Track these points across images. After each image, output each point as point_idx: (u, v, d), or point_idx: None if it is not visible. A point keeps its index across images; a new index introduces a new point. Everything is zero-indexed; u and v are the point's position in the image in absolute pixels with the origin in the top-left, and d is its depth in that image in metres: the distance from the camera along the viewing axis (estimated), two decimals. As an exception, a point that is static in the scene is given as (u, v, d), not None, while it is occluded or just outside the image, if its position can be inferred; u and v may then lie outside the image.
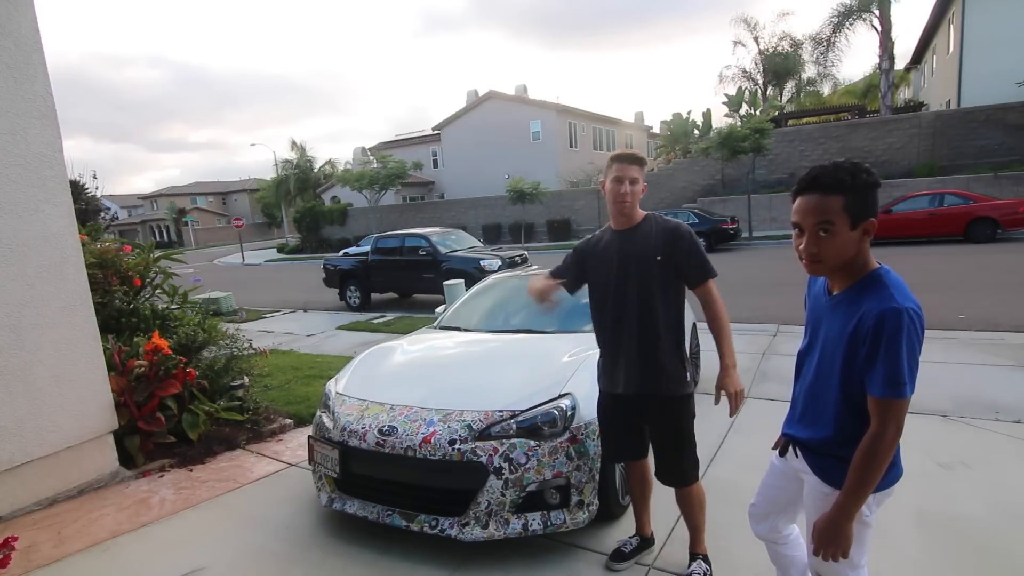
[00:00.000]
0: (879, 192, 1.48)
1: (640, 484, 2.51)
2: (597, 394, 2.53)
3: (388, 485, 2.77)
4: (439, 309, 4.72)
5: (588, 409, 2.66)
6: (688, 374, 2.28)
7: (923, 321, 1.40)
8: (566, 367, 2.94)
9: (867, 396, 1.44)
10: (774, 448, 1.81)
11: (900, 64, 28.23)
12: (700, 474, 2.41)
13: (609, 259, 2.31)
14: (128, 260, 4.74)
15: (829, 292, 1.59)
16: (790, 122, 25.44)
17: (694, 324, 4.97)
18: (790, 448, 1.72)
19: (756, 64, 31.55)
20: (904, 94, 32.08)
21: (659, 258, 2.20)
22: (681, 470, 2.31)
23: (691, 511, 2.36)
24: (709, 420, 4.05)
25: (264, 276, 21.37)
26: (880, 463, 1.41)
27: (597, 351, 2.49)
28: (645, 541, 2.55)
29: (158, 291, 5.08)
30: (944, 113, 20.25)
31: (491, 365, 3.33)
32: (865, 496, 1.45)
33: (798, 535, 1.95)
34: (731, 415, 2.18)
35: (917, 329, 1.38)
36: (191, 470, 3.75)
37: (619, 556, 2.48)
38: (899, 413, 1.40)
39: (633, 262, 2.23)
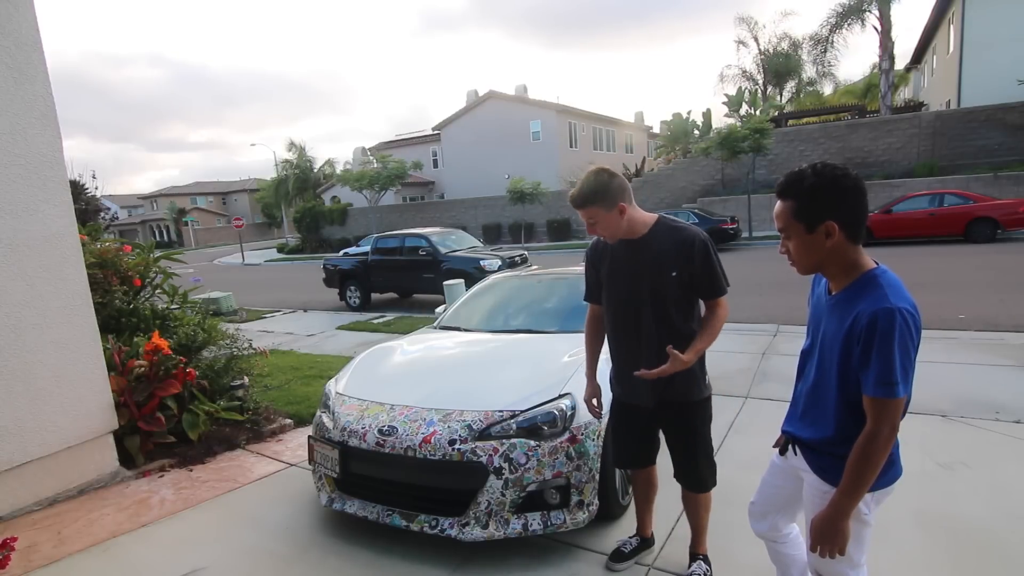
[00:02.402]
0: (849, 193, 1.44)
1: (645, 487, 2.50)
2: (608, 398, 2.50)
3: (388, 485, 2.77)
4: (439, 309, 4.72)
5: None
6: (705, 379, 2.23)
7: (918, 321, 1.40)
8: (566, 367, 2.94)
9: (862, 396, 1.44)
10: (775, 446, 1.81)
11: (900, 64, 28.28)
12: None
13: (621, 269, 2.20)
14: (128, 260, 4.73)
15: (829, 292, 1.59)
16: (790, 122, 25.45)
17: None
18: (790, 446, 1.72)
19: (756, 64, 31.61)
20: (904, 94, 32.08)
21: (674, 274, 2.08)
22: (698, 475, 2.28)
23: (696, 512, 2.35)
24: (709, 420, 4.06)
25: (264, 276, 21.37)
26: (875, 462, 1.41)
27: None
28: (645, 541, 2.55)
29: (158, 291, 5.08)
30: (944, 113, 20.25)
31: (491, 365, 3.33)
32: (861, 494, 1.45)
33: (798, 534, 1.95)
34: (641, 373, 2.03)
35: (911, 329, 1.38)
36: (191, 470, 3.75)
37: (619, 556, 2.48)
38: (893, 413, 1.40)
39: (646, 275, 2.12)
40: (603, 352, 2.45)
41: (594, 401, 2.42)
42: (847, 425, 1.50)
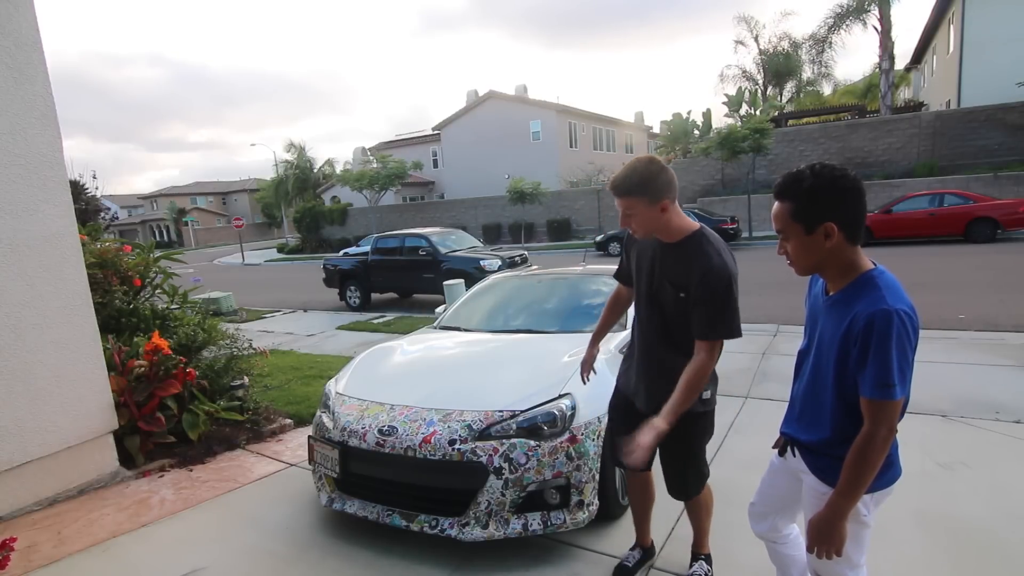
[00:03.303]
0: (848, 194, 1.43)
1: (642, 495, 2.44)
2: (598, 394, 2.50)
3: (388, 485, 2.77)
4: (439, 309, 4.72)
5: (588, 409, 2.67)
6: (706, 392, 2.08)
7: (916, 322, 1.39)
8: (566, 367, 2.94)
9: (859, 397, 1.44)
10: (774, 447, 1.81)
11: (900, 64, 28.28)
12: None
13: (646, 267, 2.10)
14: (128, 260, 4.73)
15: (826, 292, 1.59)
16: (790, 122, 25.45)
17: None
18: (788, 448, 1.72)
19: (756, 64, 31.61)
20: (904, 94, 32.09)
21: (682, 295, 1.95)
22: (682, 484, 2.24)
23: (696, 516, 2.32)
24: (709, 420, 4.06)
25: (264, 276, 21.37)
26: (872, 463, 1.41)
27: None
28: (647, 552, 2.51)
29: (158, 291, 5.08)
30: (944, 113, 20.25)
31: (491, 365, 3.33)
32: (858, 496, 1.45)
33: (798, 535, 1.95)
34: (623, 459, 1.90)
35: (908, 331, 1.37)
36: (191, 470, 3.75)
37: (623, 571, 2.42)
38: (890, 414, 1.39)
39: (663, 285, 2.02)
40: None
41: (587, 365, 2.47)
42: (845, 426, 1.50)
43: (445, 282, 7.33)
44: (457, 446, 2.55)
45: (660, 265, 2.04)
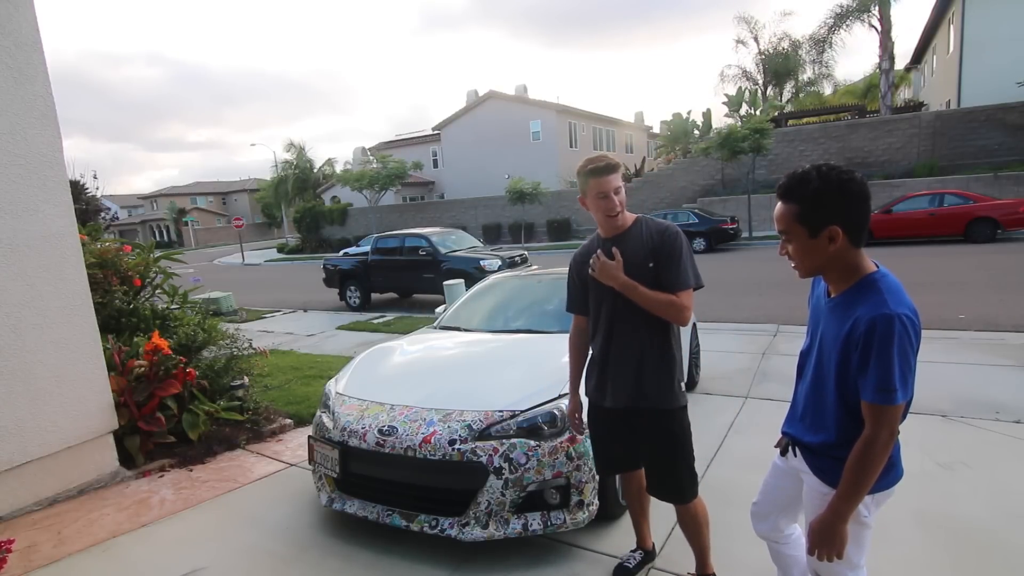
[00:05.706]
0: (855, 198, 1.42)
1: (638, 495, 2.41)
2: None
3: (388, 485, 2.77)
4: (439, 309, 4.72)
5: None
6: (679, 387, 2.15)
7: (917, 326, 1.39)
8: (566, 367, 2.92)
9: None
10: (776, 447, 1.81)
11: (900, 64, 28.29)
12: (700, 476, 2.34)
13: None
14: (128, 260, 4.74)
15: (828, 294, 1.59)
16: (790, 122, 25.45)
17: (694, 324, 4.97)
18: (790, 448, 1.72)
19: (756, 64, 31.60)
20: (904, 94, 32.09)
21: (651, 264, 2.08)
22: (675, 485, 2.16)
23: (694, 530, 2.21)
24: (709, 420, 4.07)
25: (264, 276, 21.37)
26: (873, 467, 1.41)
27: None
28: (648, 555, 2.49)
29: (158, 291, 5.09)
30: (944, 113, 20.25)
31: (491, 365, 3.33)
32: (859, 499, 1.44)
33: (800, 535, 1.95)
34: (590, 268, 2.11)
35: (910, 335, 1.36)
36: (191, 470, 3.75)
37: (624, 572, 2.40)
38: (891, 419, 1.39)
39: (632, 270, 2.07)
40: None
41: (576, 415, 2.38)
42: (848, 429, 1.49)
43: (445, 282, 7.33)
44: (457, 446, 2.55)
45: (628, 250, 2.10)
